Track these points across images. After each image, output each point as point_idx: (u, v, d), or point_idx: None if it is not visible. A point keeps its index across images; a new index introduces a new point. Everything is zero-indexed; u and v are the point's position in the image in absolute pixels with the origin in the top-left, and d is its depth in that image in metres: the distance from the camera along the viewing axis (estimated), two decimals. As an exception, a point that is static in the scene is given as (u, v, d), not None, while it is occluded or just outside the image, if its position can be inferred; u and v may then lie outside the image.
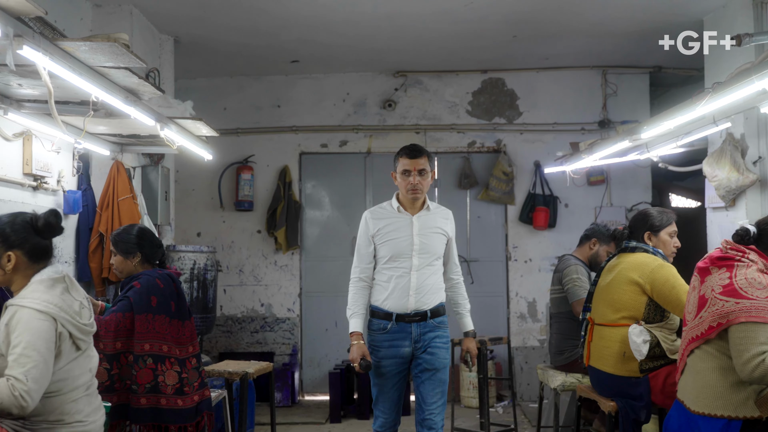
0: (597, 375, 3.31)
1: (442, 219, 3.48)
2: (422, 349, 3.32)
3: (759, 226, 2.56)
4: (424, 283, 3.34)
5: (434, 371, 3.31)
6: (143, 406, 2.96)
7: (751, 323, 2.32)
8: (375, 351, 3.35)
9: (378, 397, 3.39)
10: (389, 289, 3.35)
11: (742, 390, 2.42)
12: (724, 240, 2.55)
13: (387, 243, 3.39)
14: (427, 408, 3.29)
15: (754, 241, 2.53)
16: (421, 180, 3.34)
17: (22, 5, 2.03)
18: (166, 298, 3.08)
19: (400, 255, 3.35)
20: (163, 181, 5.27)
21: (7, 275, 2.31)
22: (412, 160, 3.34)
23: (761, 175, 4.71)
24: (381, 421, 3.38)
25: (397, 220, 3.41)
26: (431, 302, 3.36)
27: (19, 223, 2.36)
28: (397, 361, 3.32)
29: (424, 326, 3.33)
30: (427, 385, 3.31)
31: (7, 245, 2.30)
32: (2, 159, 3.70)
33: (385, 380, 3.35)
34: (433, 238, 3.40)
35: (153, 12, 5.06)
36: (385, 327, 3.34)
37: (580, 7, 5.08)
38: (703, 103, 3.27)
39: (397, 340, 3.32)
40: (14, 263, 2.29)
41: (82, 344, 2.31)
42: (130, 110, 3.14)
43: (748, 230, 2.52)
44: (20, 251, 2.31)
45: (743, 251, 2.45)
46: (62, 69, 2.44)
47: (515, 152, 6.79)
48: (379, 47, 6.04)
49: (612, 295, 3.29)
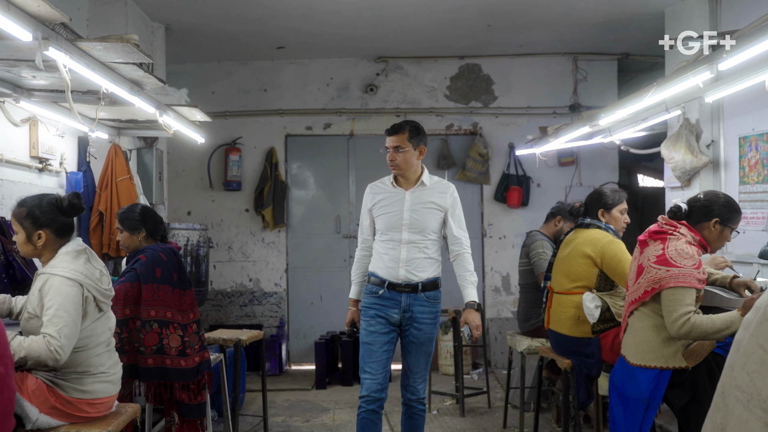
0: (555, 336, 3.71)
1: (439, 193, 3.52)
2: (410, 321, 3.42)
3: (689, 204, 2.95)
4: (414, 257, 3.42)
5: (420, 344, 3.44)
6: (150, 366, 3.31)
7: (679, 287, 2.71)
8: (366, 311, 3.48)
9: (366, 358, 3.43)
10: (384, 259, 3.47)
11: (672, 345, 2.83)
12: (661, 216, 2.95)
13: (381, 216, 3.51)
14: (412, 376, 3.48)
15: (686, 216, 2.92)
16: (396, 156, 3.43)
17: (50, 13, 2.33)
18: (169, 269, 3.42)
19: (392, 228, 3.46)
20: (157, 162, 5.57)
21: (38, 250, 2.63)
22: (389, 136, 3.48)
23: (713, 157, 5.11)
24: (368, 383, 3.39)
25: (392, 195, 3.51)
26: (422, 276, 3.42)
27: (46, 204, 2.66)
28: (386, 323, 3.43)
29: (414, 298, 3.41)
30: (413, 356, 3.46)
31: (37, 225, 2.61)
32: (11, 143, 3.99)
33: (374, 338, 3.42)
34: (424, 214, 3.46)
35: (146, 2, 5.31)
36: (377, 292, 3.45)
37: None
38: (649, 94, 3.65)
39: (387, 307, 3.43)
40: (44, 240, 2.62)
41: (103, 306, 2.65)
42: (134, 99, 3.45)
43: (680, 207, 2.91)
44: (49, 229, 2.63)
45: (675, 226, 2.85)
46: (79, 66, 2.75)
47: (490, 134, 7.15)
48: (361, 35, 6.33)
49: (568, 266, 3.67)
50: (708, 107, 5.05)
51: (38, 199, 2.68)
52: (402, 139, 3.45)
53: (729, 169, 5.04)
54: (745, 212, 4.79)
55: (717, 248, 3.00)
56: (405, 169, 3.48)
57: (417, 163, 3.51)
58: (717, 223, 2.92)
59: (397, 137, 3.46)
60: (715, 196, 2.97)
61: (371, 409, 3.39)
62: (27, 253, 2.69)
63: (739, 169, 4.89)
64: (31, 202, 2.66)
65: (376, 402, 3.39)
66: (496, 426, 4.98)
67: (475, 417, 5.23)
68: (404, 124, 3.50)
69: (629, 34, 6.37)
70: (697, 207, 2.94)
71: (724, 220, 2.92)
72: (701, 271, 2.76)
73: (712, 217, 2.92)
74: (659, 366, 2.83)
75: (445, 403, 5.58)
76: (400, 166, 3.46)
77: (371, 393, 3.38)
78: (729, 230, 2.95)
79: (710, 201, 2.95)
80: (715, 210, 2.93)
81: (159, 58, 5.80)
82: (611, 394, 3.10)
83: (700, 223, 2.93)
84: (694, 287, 2.71)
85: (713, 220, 2.92)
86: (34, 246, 2.62)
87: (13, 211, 2.69)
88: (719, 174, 5.13)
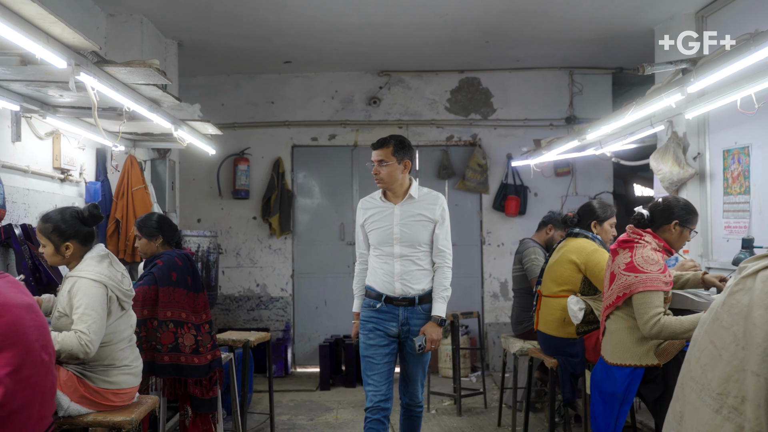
0: (543, 337, 3.96)
1: (428, 205, 3.51)
2: (408, 334, 3.47)
3: (650, 210, 3.22)
4: (408, 270, 3.44)
5: (419, 356, 3.50)
6: (166, 363, 3.58)
7: (647, 291, 2.97)
8: (364, 324, 3.51)
9: (367, 371, 3.47)
10: (379, 273, 3.50)
11: (644, 344, 3.08)
12: (628, 225, 3.21)
13: (373, 231, 3.54)
14: (411, 384, 3.55)
15: (649, 221, 3.18)
16: (381, 169, 3.45)
17: (83, 43, 2.61)
18: (183, 273, 3.69)
19: (384, 243, 3.48)
20: (170, 172, 5.85)
21: (66, 259, 2.90)
22: (373, 151, 3.50)
23: (699, 169, 5.36)
24: (372, 394, 3.42)
25: (382, 210, 3.53)
26: (417, 288, 3.46)
27: (69, 217, 2.91)
28: (385, 337, 3.47)
29: (411, 311, 3.45)
30: (411, 365, 3.53)
31: (64, 237, 2.88)
32: (36, 155, 4.27)
33: (374, 351, 3.46)
34: (414, 227, 3.47)
35: (160, 20, 5.61)
36: (374, 306, 3.49)
37: (543, 17, 5.67)
38: (629, 112, 3.91)
39: (384, 320, 3.47)
40: (72, 250, 2.89)
41: (125, 305, 2.92)
42: (152, 116, 3.74)
43: (642, 214, 3.18)
44: (75, 240, 2.90)
45: (641, 234, 3.11)
46: (105, 87, 3.03)
47: (489, 145, 7.41)
48: (364, 50, 6.62)
49: (556, 271, 3.93)
50: (694, 121, 5.30)
51: (61, 213, 2.93)
52: (386, 153, 3.46)
53: (714, 181, 5.28)
54: (728, 221, 5.04)
55: (679, 248, 3.26)
56: (389, 183, 3.49)
57: (402, 176, 3.51)
58: (677, 224, 3.19)
59: (382, 151, 3.47)
60: (675, 200, 3.24)
61: (377, 419, 3.43)
62: (56, 263, 2.96)
63: (723, 180, 5.13)
64: (55, 217, 2.90)
65: (382, 412, 3.43)
66: (491, 424, 5.22)
67: (471, 416, 5.47)
68: (389, 139, 3.51)
69: (622, 49, 6.64)
70: (658, 211, 3.21)
71: (683, 222, 3.19)
72: (667, 274, 3.02)
73: (672, 219, 3.19)
74: (633, 364, 3.09)
75: (443, 404, 5.83)
76: (384, 180, 3.48)
77: (375, 404, 3.42)
78: (688, 231, 3.22)
79: (670, 205, 3.21)
80: (675, 213, 3.19)
81: (172, 72, 6.09)
82: (592, 391, 3.35)
83: (662, 226, 3.20)
84: (661, 290, 2.97)
85: (673, 222, 3.19)
86: (63, 256, 2.89)
87: (38, 227, 2.93)
88: (705, 185, 5.36)
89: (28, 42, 2.38)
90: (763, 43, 2.65)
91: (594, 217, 3.99)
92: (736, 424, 2.15)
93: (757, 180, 4.73)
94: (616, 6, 5.40)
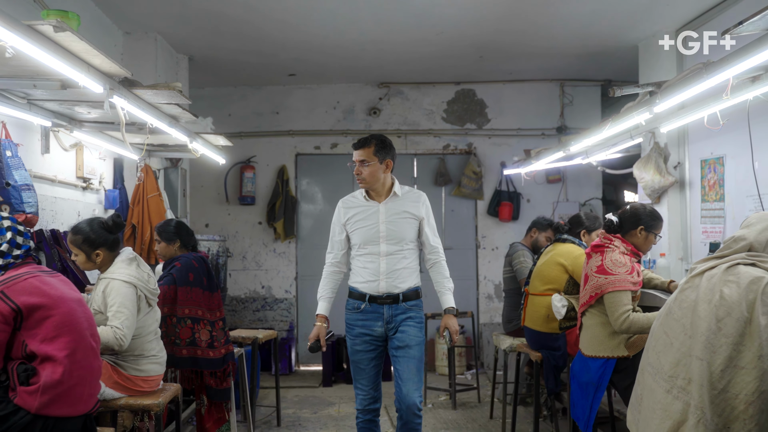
0: (529, 332, 4.32)
1: (412, 203, 3.53)
2: (394, 330, 3.46)
3: (619, 217, 3.57)
4: (394, 268, 3.46)
5: (407, 348, 3.41)
6: (184, 356, 3.93)
7: (616, 291, 3.33)
8: (350, 329, 3.53)
9: (356, 375, 3.53)
10: (363, 273, 3.51)
11: (616, 338, 3.43)
12: (600, 232, 3.56)
13: (357, 231, 3.54)
14: (404, 384, 3.38)
15: (618, 227, 3.53)
16: (362, 169, 3.46)
17: (117, 70, 2.97)
18: (200, 274, 4.04)
19: (369, 242, 3.49)
20: (182, 180, 6.21)
21: (97, 265, 3.25)
22: (355, 151, 3.52)
23: (679, 177, 5.70)
24: (361, 398, 3.50)
25: (367, 209, 3.54)
26: (402, 286, 3.47)
27: (97, 228, 3.25)
28: (371, 339, 3.47)
29: (395, 308, 3.45)
30: (402, 361, 3.42)
31: (94, 246, 3.22)
32: (62, 165, 4.63)
33: (360, 356, 3.48)
34: (400, 224, 3.48)
35: (173, 37, 5.97)
36: (359, 307, 3.50)
37: (533, 35, 6.02)
38: (606, 128, 4.28)
39: (369, 320, 3.47)
40: (102, 257, 3.24)
41: (151, 302, 3.28)
42: (171, 131, 4.10)
43: (612, 220, 3.54)
44: (104, 247, 3.24)
45: (611, 239, 3.47)
46: (133, 107, 3.39)
47: (484, 154, 7.77)
48: (364, 64, 6.98)
49: (543, 272, 4.29)
50: (675, 132, 5.64)
51: (89, 224, 3.26)
52: (368, 152, 3.46)
53: (693, 189, 5.63)
54: (705, 227, 5.40)
55: (646, 251, 3.61)
56: (371, 183, 3.50)
57: (385, 176, 3.51)
58: (642, 230, 3.54)
59: (363, 151, 3.47)
60: (642, 207, 3.59)
61: (368, 419, 3.53)
62: (88, 269, 3.31)
63: (701, 188, 5.48)
64: (84, 229, 3.23)
65: (371, 413, 3.52)
66: (484, 417, 5.57)
67: (465, 410, 5.82)
68: (370, 139, 3.51)
69: (610, 63, 6.99)
70: (626, 218, 3.56)
71: (648, 227, 3.54)
72: (635, 274, 3.38)
73: (638, 225, 3.54)
74: (606, 355, 3.43)
75: (439, 399, 6.17)
76: (366, 180, 3.49)
77: (365, 407, 3.51)
78: (653, 235, 3.57)
79: (637, 212, 3.56)
80: (641, 219, 3.54)
81: (183, 85, 6.40)
82: (571, 382, 3.70)
83: (630, 232, 3.54)
84: (629, 290, 3.32)
85: (639, 228, 3.54)
86: (94, 263, 3.24)
87: (69, 238, 3.27)
88: (685, 192, 5.71)
89: (73, 71, 2.74)
90: (713, 71, 3.02)
91: (584, 227, 4.41)
92: (683, 402, 2.52)
93: (731, 188, 5.08)
94: (601, 26, 5.75)
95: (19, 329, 2.40)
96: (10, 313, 2.37)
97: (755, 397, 2.35)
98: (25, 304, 2.39)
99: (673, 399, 2.56)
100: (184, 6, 5.16)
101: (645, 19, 5.59)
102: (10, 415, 2.33)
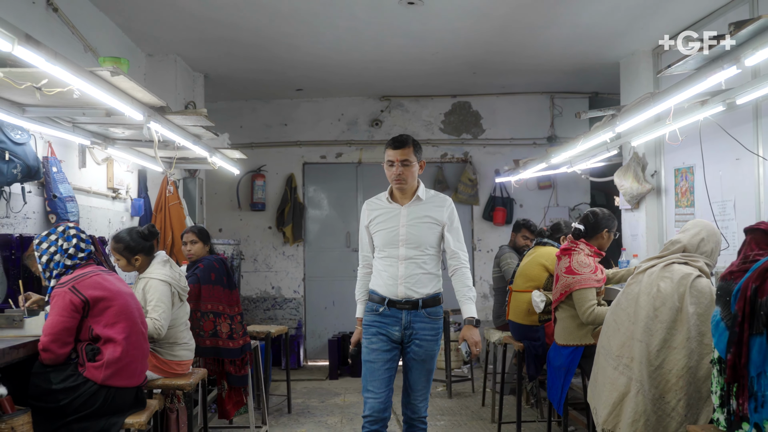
0: (512, 325, 4.84)
1: (435, 207, 3.41)
2: (411, 339, 3.34)
3: (583, 224, 4.08)
4: (413, 273, 3.33)
5: (422, 362, 3.36)
6: (207, 346, 4.46)
7: (582, 289, 3.85)
8: (367, 329, 3.41)
9: (368, 377, 3.35)
10: (382, 276, 3.40)
11: (583, 328, 3.95)
12: (568, 236, 4.09)
13: (379, 233, 3.42)
14: (413, 394, 3.38)
15: (584, 233, 4.05)
16: (404, 170, 3.32)
17: (154, 101, 3.51)
18: (220, 274, 4.57)
19: (389, 245, 3.38)
20: (199, 189, 6.76)
21: (137, 268, 3.78)
22: (395, 150, 3.33)
23: (656, 185, 6.20)
24: (371, 402, 3.30)
25: (389, 211, 3.42)
26: (422, 292, 3.34)
27: (135, 236, 3.75)
28: (388, 342, 3.34)
29: (415, 315, 3.33)
30: (415, 373, 3.37)
31: (133, 252, 3.74)
32: (95, 178, 5.17)
33: (376, 356, 3.34)
34: (421, 228, 3.35)
35: (190, 58, 6.52)
36: (377, 309, 3.38)
37: (521, 55, 6.54)
38: (579, 143, 4.80)
39: (387, 324, 3.35)
40: (140, 261, 3.76)
41: (183, 297, 3.81)
42: (195, 148, 4.63)
43: (579, 229, 4.05)
44: (142, 253, 3.77)
45: (576, 243, 3.99)
46: (166, 130, 3.93)
47: (479, 162, 8.29)
48: (367, 80, 7.52)
49: (526, 271, 4.81)
50: (652, 142, 6.13)
51: (128, 233, 3.76)
52: (409, 152, 3.34)
53: (668, 196, 6.12)
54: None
55: (606, 248, 4.13)
56: (411, 183, 3.40)
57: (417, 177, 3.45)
58: (607, 231, 4.07)
59: (404, 151, 3.34)
60: (601, 212, 4.11)
61: (375, 429, 3.32)
62: (128, 271, 3.84)
63: (675, 195, 5.98)
64: (125, 238, 3.73)
65: (380, 422, 3.31)
66: (476, 404, 6.09)
67: (460, 399, 6.34)
68: (408, 138, 3.40)
69: (595, 77, 7.50)
70: (590, 224, 4.07)
71: (610, 229, 4.08)
72: (599, 272, 3.89)
73: (602, 229, 4.06)
74: (575, 344, 3.95)
75: (436, 389, 6.69)
76: (407, 180, 3.36)
77: (374, 413, 3.30)
78: (613, 234, 4.10)
79: (598, 218, 4.08)
80: (602, 224, 4.07)
81: (199, 101, 6.99)
82: (548, 368, 4.22)
83: (595, 235, 4.06)
84: (593, 287, 3.85)
85: (603, 230, 4.06)
86: (133, 266, 3.77)
87: (111, 246, 3.79)
88: (661, 199, 6.20)
89: (120, 104, 3.27)
90: (660, 99, 3.56)
91: (563, 233, 4.91)
92: (627, 377, 3.05)
93: (699, 195, 5.57)
94: (583, 45, 6.26)
95: (87, 317, 2.95)
96: (80, 303, 2.92)
97: (684, 372, 2.89)
98: (91, 297, 2.95)
99: (619, 374, 3.09)
100: (201, 32, 5.71)
101: (624, 40, 6.08)
102: (81, 385, 2.88)
